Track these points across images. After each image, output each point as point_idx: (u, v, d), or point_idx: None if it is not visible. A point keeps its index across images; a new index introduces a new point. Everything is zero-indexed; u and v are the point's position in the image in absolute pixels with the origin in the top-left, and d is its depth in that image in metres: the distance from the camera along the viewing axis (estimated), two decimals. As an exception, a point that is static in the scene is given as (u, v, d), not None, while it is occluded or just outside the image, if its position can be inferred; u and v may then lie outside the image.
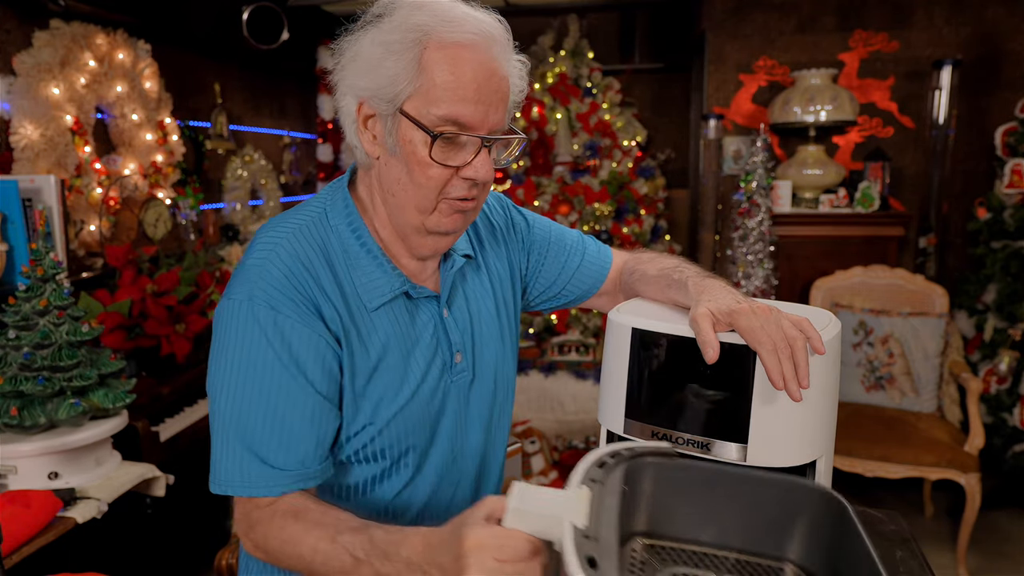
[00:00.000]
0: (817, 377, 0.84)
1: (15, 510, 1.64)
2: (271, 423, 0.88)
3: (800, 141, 3.56)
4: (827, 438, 0.89)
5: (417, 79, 0.86)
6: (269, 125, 4.42)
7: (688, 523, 0.81)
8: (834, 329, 0.87)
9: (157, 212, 3.02)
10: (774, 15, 3.69)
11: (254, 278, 0.90)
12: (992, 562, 2.79)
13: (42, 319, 1.87)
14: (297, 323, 0.88)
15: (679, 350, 0.88)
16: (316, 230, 0.96)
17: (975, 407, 2.70)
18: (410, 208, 0.93)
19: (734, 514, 0.81)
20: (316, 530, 0.83)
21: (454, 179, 0.91)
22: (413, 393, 0.96)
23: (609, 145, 3.98)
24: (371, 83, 0.88)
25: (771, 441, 0.84)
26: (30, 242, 2.32)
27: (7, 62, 2.58)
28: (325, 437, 0.92)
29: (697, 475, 0.81)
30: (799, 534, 0.79)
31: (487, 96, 0.88)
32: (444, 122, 0.87)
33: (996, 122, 3.41)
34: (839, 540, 0.75)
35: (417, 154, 0.89)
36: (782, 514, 0.80)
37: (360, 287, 0.94)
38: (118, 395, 1.95)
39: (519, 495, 0.69)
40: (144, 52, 3.17)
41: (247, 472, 0.88)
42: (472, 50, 0.87)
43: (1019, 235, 3.16)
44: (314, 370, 0.89)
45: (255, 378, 0.88)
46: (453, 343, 1.01)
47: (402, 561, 0.76)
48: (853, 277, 3.22)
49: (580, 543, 0.63)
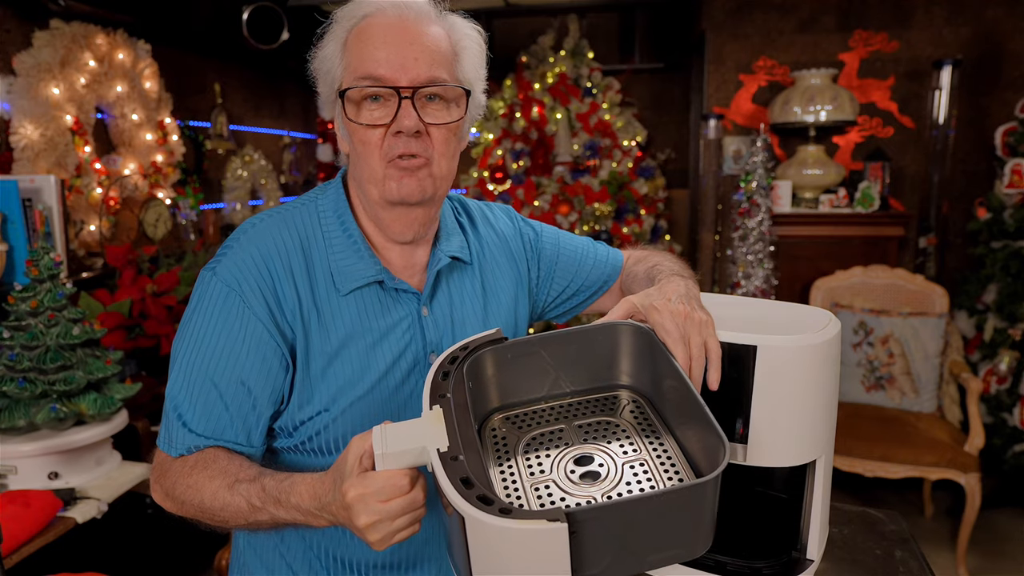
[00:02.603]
0: (816, 377, 0.84)
1: (15, 510, 1.64)
2: (195, 390, 0.91)
3: (800, 141, 3.56)
4: (827, 438, 0.89)
5: (343, 59, 0.92)
6: (269, 125, 4.42)
7: (531, 387, 0.90)
8: (833, 329, 0.87)
9: (157, 212, 3.02)
10: (774, 15, 3.69)
11: (224, 253, 0.95)
12: (992, 562, 2.79)
13: (33, 320, 1.86)
14: (243, 306, 0.91)
15: None
16: (301, 215, 0.99)
17: (975, 407, 2.70)
18: (365, 183, 0.95)
19: (568, 366, 0.90)
20: (217, 479, 0.87)
21: (387, 137, 0.92)
22: (373, 385, 0.96)
23: (609, 145, 3.98)
24: (323, 87, 0.96)
25: (770, 441, 0.84)
26: (31, 242, 2.32)
27: (7, 62, 2.59)
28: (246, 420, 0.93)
29: (527, 347, 0.89)
30: (623, 364, 0.90)
31: (400, 48, 0.90)
32: (360, 81, 0.91)
33: (996, 122, 3.41)
34: (653, 362, 0.86)
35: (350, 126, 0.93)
36: (606, 353, 0.90)
37: (335, 271, 0.96)
38: (106, 401, 1.92)
39: (381, 440, 0.74)
40: (144, 52, 3.17)
41: (171, 432, 0.92)
42: (381, 16, 0.91)
43: (1019, 235, 3.16)
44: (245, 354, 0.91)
45: (192, 348, 0.92)
46: (428, 342, 1.00)
47: (292, 507, 0.81)
48: (853, 277, 3.22)
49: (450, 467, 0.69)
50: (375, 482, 0.73)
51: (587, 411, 0.89)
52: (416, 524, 0.76)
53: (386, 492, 0.73)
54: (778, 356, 0.82)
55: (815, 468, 0.89)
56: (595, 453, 0.82)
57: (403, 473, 0.73)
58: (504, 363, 0.89)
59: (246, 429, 0.93)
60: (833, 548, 1.06)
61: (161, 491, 0.94)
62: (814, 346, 0.83)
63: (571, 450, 0.82)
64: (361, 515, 0.73)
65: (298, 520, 0.82)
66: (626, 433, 0.84)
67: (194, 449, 0.91)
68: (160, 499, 0.95)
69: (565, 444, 0.83)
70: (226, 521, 0.88)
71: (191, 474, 0.89)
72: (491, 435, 0.86)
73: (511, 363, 0.89)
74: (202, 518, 0.90)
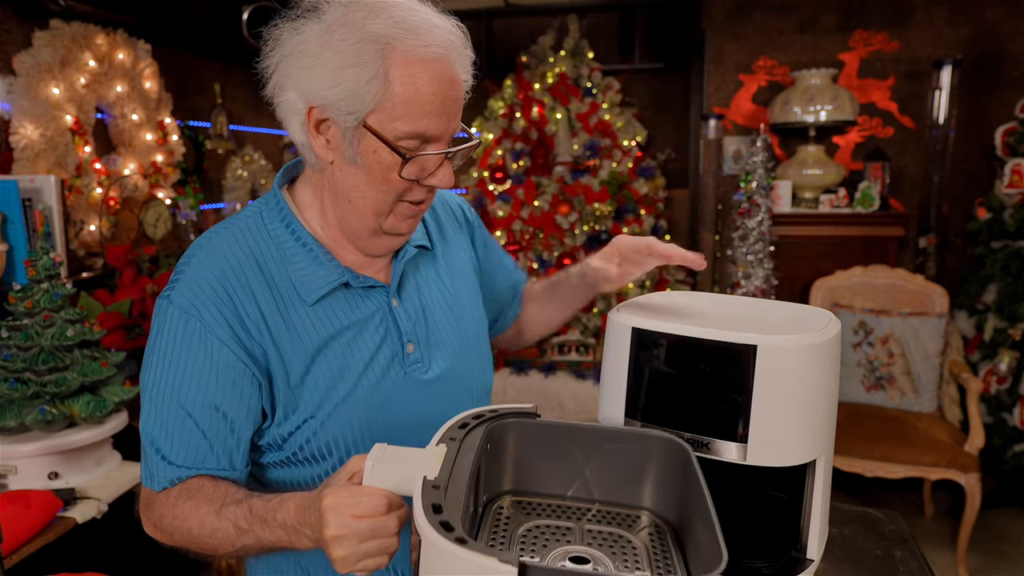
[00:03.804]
0: (816, 377, 0.84)
1: (15, 510, 1.64)
2: (168, 422, 0.89)
3: (800, 141, 3.56)
4: (827, 438, 0.89)
5: (381, 94, 0.84)
6: (269, 125, 4.42)
7: (551, 479, 0.86)
8: (833, 329, 0.87)
9: (157, 212, 3.02)
10: (774, 15, 3.69)
11: (177, 278, 0.91)
12: (992, 562, 2.79)
13: (30, 320, 1.86)
14: (204, 331, 0.88)
15: (679, 350, 0.88)
16: (249, 231, 0.95)
17: (975, 407, 2.70)
18: (367, 213, 0.92)
19: (593, 468, 0.85)
20: (204, 506, 0.86)
21: (415, 186, 0.91)
22: (355, 383, 0.94)
23: (609, 145, 3.98)
24: (327, 93, 0.85)
25: (770, 440, 0.84)
26: (30, 242, 2.32)
27: (7, 62, 2.58)
28: (225, 444, 0.91)
29: (556, 433, 0.85)
30: (651, 483, 0.84)
31: (449, 107, 0.88)
32: (408, 136, 0.86)
33: (996, 122, 3.41)
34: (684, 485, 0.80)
35: (382, 166, 0.88)
36: (636, 465, 0.85)
37: (296, 282, 0.93)
38: (99, 404, 1.90)
39: (378, 454, 0.74)
40: (144, 52, 3.17)
41: (152, 467, 0.91)
42: (437, 63, 0.85)
43: (1019, 235, 3.16)
44: (215, 379, 0.89)
45: (158, 379, 0.89)
46: (403, 332, 0.99)
47: (279, 525, 0.80)
48: (853, 277, 3.22)
49: (428, 492, 0.68)
50: (353, 494, 0.72)
51: (603, 519, 0.84)
52: (385, 557, 0.74)
53: (360, 507, 0.72)
54: (778, 356, 0.82)
55: (815, 468, 0.89)
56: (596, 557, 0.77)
57: (382, 493, 0.72)
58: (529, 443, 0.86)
59: (227, 453, 0.91)
60: (833, 548, 1.06)
61: (150, 524, 0.94)
62: (814, 346, 0.83)
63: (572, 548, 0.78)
64: (331, 525, 0.72)
65: (282, 541, 0.81)
66: (636, 553, 0.79)
67: (176, 481, 0.90)
68: (150, 531, 0.94)
69: (568, 542, 0.80)
70: (215, 548, 0.87)
71: (176, 504, 0.88)
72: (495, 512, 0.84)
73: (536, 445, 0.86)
74: (191, 547, 0.90)
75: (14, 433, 1.86)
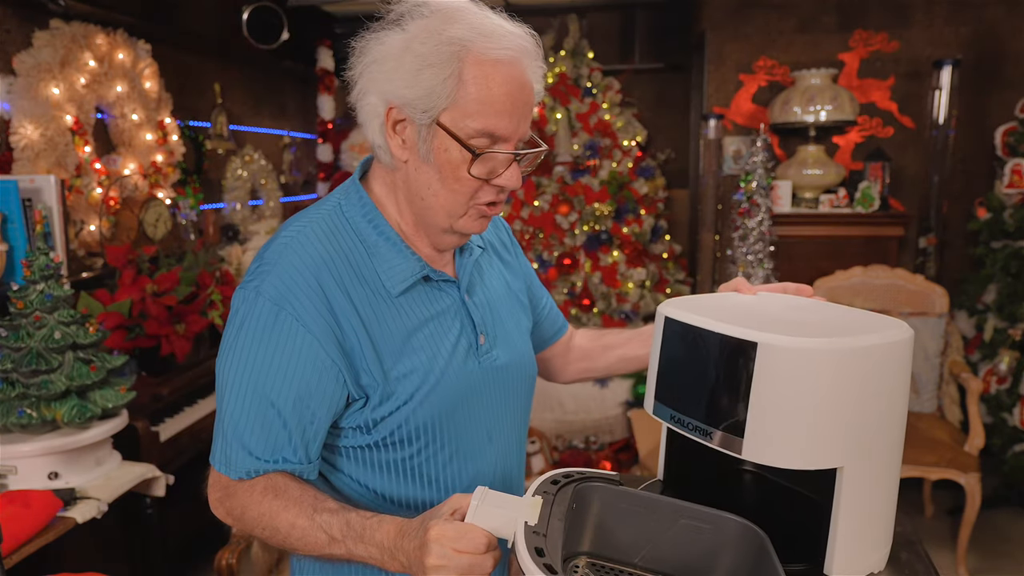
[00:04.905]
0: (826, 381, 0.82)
1: (15, 510, 1.64)
2: (251, 415, 0.92)
3: (800, 141, 3.56)
4: (851, 447, 0.85)
5: (455, 93, 0.89)
6: (269, 125, 4.42)
7: (627, 545, 0.90)
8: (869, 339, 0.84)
9: (157, 212, 3.02)
10: (774, 15, 3.69)
11: (267, 270, 0.93)
12: (992, 562, 2.79)
13: (24, 321, 1.85)
14: (295, 323, 0.90)
15: (696, 341, 0.91)
16: (333, 224, 0.98)
17: (975, 407, 2.70)
18: (440, 212, 0.97)
19: (668, 541, 0.89)
20: (295, 507, 0.90)
21: (485, 186, 0.95)
22: (444, 370, 0.99)
23: (609, 145, 3.98)
24: (406, 92, 0.90)
25: (770, 439, 0.83)
26: (30, 242, 2.32)
27: (7, 62, 2.58)
28: (304, 435, 0.93)
29: (638, 502, 0.90)
30: (723, 564, 0.87)
31: (519, 109, 0.92)
32: (479, 134, 0.91)
33: (996, 122, 3.41)
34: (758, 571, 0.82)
35: (452, 164, 0.92)
36: (710, 544, 0.87)
37: (382, 274, 0.97)
38: (83, 409, 1.89)
39: (482, 496, 0.81)
40: (144, 52, 3.17)
41: (230, 454, 0.93)
42: (509, 65, 0.90)
43: (1019, 235, 3.16)
44: (298, 371, 0.91)
45: (244, 369, 0.91)
46: (476, 324, 1.04)
47: (375, 544, 0.85)
48: (853, 277, 3.22)
49: (530, 536, 0.77)
50: (457, 530, 0.79)
51: None
52: None
53: (463, 542, 0.78)
54: (778, 355, 0.82)
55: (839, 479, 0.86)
56: None
57: (484, 533, 0.79)
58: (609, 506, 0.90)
59: (304, 443, 0.94)
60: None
61: (224, 510, 0.97)
62: (817, 350, 0.81)
63: None
64: (432, 554, 0.78)
65: (373, 558, 0.86)
66: None
67: (254, 473, 0.93)
68: (222, 516, 0.98)
69: None
70: (296, 549, 0.91)
71: (263, 501, 0.92)
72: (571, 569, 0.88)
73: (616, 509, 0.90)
74: (270, 542, 0.93)
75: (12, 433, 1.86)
